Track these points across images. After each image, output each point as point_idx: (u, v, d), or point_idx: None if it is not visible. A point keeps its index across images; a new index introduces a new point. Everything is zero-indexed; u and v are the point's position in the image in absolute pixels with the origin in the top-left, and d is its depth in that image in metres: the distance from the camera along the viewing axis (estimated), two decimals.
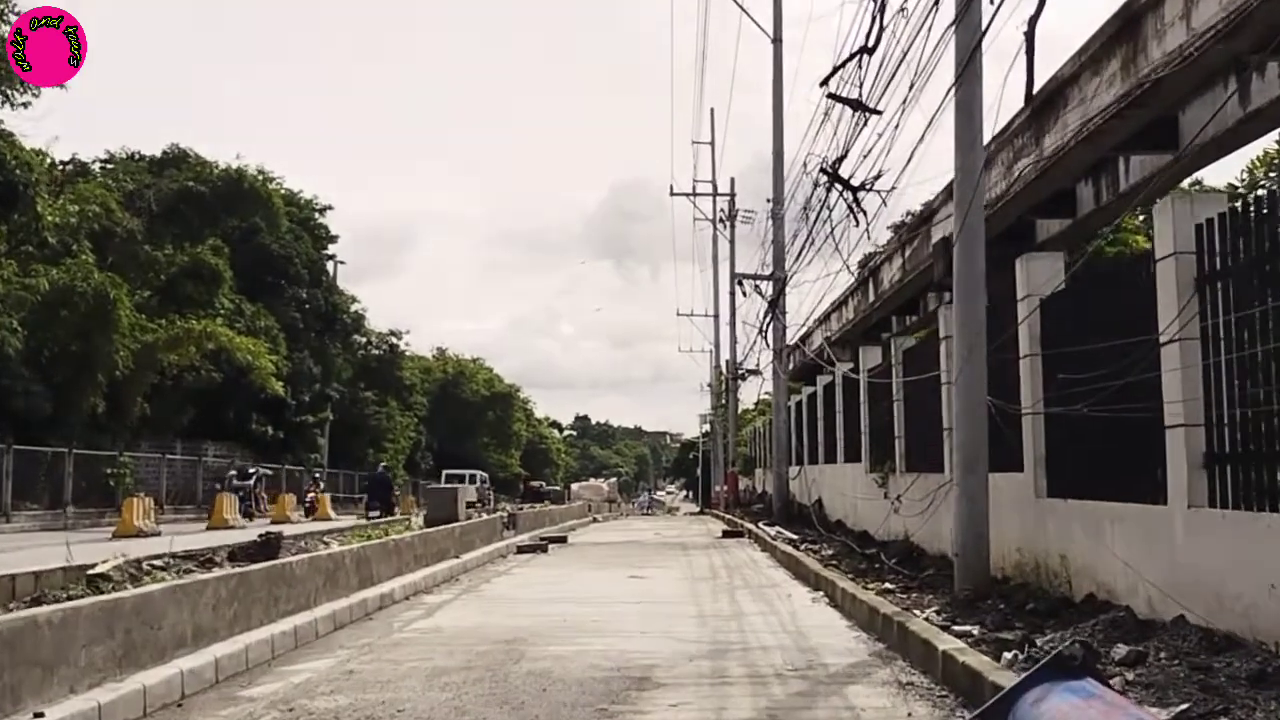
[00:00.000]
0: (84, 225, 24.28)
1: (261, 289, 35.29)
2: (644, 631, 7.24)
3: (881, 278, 20.91)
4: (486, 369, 72.05)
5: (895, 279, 19.07)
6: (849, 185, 12.52)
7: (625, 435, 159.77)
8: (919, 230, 17.43)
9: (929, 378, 11.26)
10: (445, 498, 14.60)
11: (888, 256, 20.24)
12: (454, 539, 12.35)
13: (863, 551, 13.05)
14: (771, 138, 23.17)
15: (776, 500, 22.89)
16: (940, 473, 10.84)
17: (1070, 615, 7.05)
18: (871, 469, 14.81)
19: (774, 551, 13.87)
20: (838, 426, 18.11)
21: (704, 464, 57.11)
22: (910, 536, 12.34)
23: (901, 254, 18.78)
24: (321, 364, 38.80)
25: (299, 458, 42.65)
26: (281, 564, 7.06)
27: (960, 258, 8.34)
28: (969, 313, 8.26)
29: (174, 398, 30.21)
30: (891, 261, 19.84)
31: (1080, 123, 9.83)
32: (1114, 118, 8.91)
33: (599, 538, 19.48)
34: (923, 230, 17.13)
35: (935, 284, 17.41)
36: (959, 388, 8.29)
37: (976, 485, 8.20)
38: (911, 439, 12.68)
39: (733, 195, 40.58)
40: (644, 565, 12.74)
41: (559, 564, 13.14)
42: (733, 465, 37.29)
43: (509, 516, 16.78)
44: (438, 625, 7.70)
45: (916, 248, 17.88)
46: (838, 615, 8.13)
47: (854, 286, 24.52)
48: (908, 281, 18.25)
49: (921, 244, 17.35)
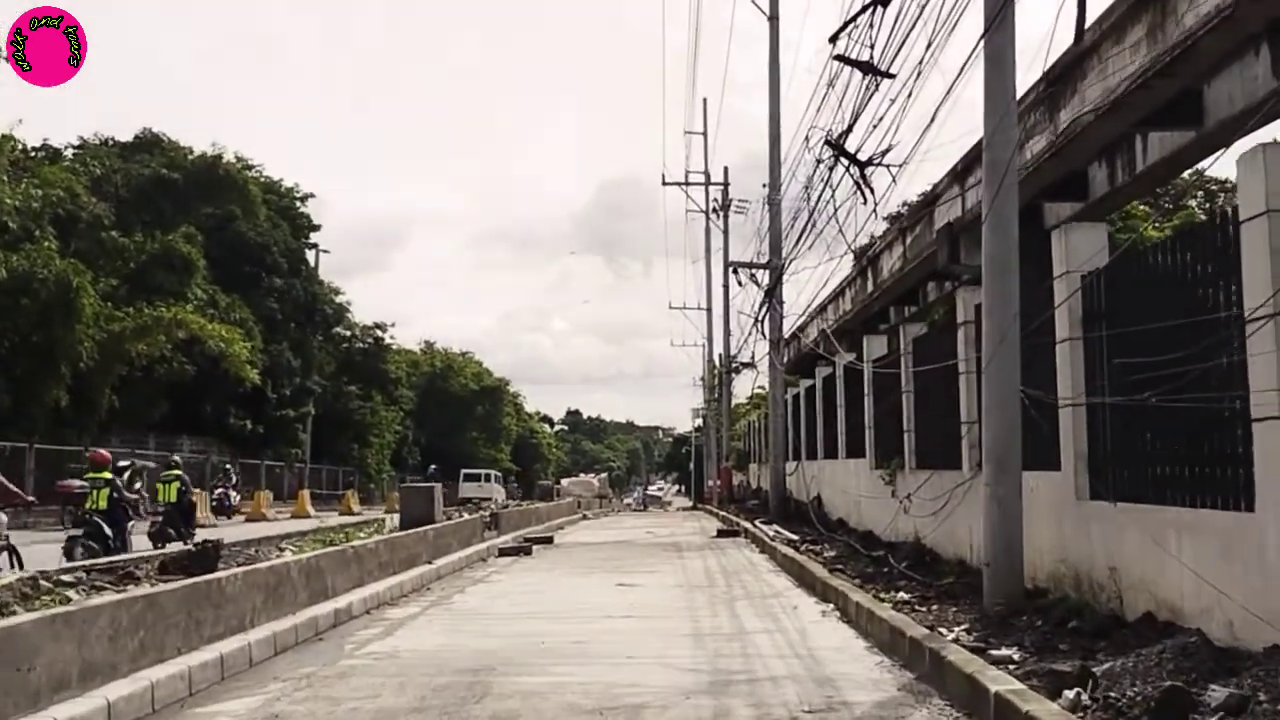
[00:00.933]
0: (47, 210, 23.09)
1: (238, 279, 34.09)
2: (632, 657, 6.26)
3: (881, 267, 20.00)
4: (475, 362, 70.93)
5: (895, 268, 18.17)
6: (855, 160, 11.58)
7: (617, 430, 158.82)
8: (921, 216, 16.54)
9: (944, 367, 10.30)
10: (420, 497, 13.57)
11: (888, 244, 19.35)
12: (426, 543, 11.33)
13: (869, 554, 12.11)
14: (767, 121, 22.19)
15: (773, 497, 21.95)
16: (957, 470, 9.89)
17: (1125, 638, 6.10)
18: (877, 465, 13.86)
19: (774, 554, 12.92)
20: (839, 420, 17.15)
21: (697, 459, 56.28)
22: (921, 538, 11.40)
23: (902, 241, 17.87)
24: (301, 356, 37.62)
25: (280, 453, 41.52)
26: (205, 581, 6.03)
27: (991, 230, 7.36)
28: (1001, 291, 7.28)
29: (145, 390, 29.04)
30: (891, 250, 18.94)
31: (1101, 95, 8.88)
32: (1138, 88, 7.99)
33: (587, 537, 18.49)
34: (925, 216, 16.25)
35: (939, 271, 16.56)
36: (989, 377, 7.33)
37: (1009, 487, 7.24)
38: (923, 434, 11.73)
39: (726, 184, 39.63)
40: (634, 570, 11.76)
41: (542, 568, 12.14)
42: (726, 460, 36.37)
43: (491, 516, 15.77)
44: (395, 648, 6.70)
45: (918, 235, 16.99)
46: (853, 634, 7.16)
47: (851, 277, 23.63)
48: (908, 270, 17.37)
49: (924, 230, 16.48)
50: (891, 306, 20.34)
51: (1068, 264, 7.33)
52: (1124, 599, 6.52)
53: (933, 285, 18.18)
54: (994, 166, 7.37)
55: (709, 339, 45.19)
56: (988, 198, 7.43)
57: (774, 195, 22.54)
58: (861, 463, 14.96)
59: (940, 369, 10.49)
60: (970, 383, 9.60)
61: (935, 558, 10.75)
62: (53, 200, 23.36)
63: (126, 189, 28.94)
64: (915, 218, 16.80)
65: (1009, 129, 7.39)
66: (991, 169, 7.40)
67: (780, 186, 22.35)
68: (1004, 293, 7.27)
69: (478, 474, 46.87)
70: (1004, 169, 7.29)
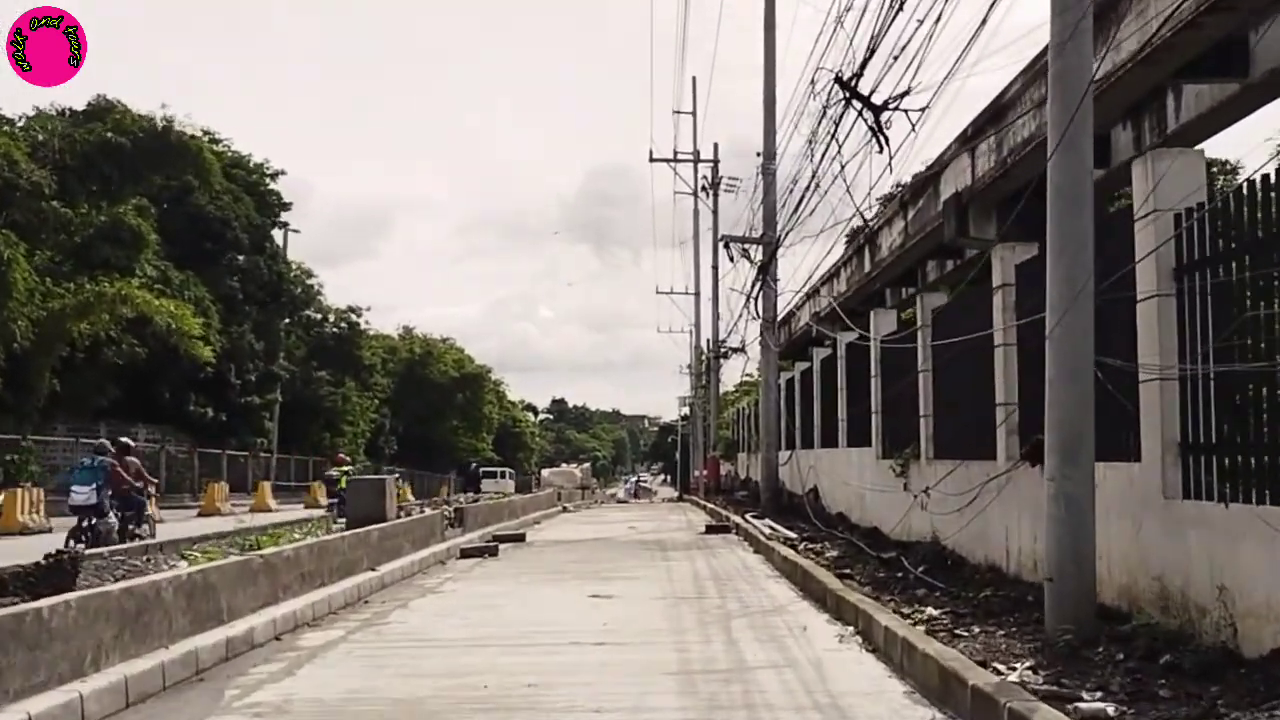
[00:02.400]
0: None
1: (196, 255, 32.10)
2: (600, 710, 4.69)
3: (879, 244, 18.52)
4: (456, 349, 68.97)
5: (896, 244, 16.67)
6: (870, 103, 10.01)
7: (603, 419, 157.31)
8: (925, 188, 15.05)
9: (974, 341, 8.76)
10: (369, 491, 11.91)
11: (887, 220, 17.85)
12: (368, 546, 9.71)
13: (878, 555, 10.62)
14: (763, 82, 20.57)
15: (765, 489, 20.45)
16: (989, 460, 8.38)
17: (1247, 681, 4.62)
18: (886, 455, 12.36)
19: (770, 555, 11.40)
20: (840, 405, 15.64)
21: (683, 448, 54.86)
22: (940, 538, 9.90)
23: (903, 216, 16.38)
24: (265, 339, 35.69)
25: (245, 442, 39.62)
26: (14, 614, 4.39)
27: (1062, 157, 5.80)
28: (1073, 232, 5.73)
29: (91, 374, 27.11)
30: (891, 226, 17.43)
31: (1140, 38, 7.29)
32: (1186, 27, 6.43)
33: (564, 534, 16.91)
34: (929, 188, 14.76)
35: (945, 246, 15.07)
36: (1055, 344, 5.78)
37: (1079, 482, 5.71)
38: (944, 419, 10.22)
39: (715, 161, 37.99)
40: (612, 575, 10.20)
41: (507, 574, 10.55)
42: (714, 449, 34.88)
43: (455, 511, 14.15)
44: (288, 696, 5.10)
45: (921, 208, 15.51)
46: (884, 670, 5.62)
47: (847, 256, 22.18)
48: (910, 247, 15.91)
49: (928, 204, 14.99)
50: (888, 288, 18.89)
51: (1156, 200, 5.78)
52: (1239, 628, 5.02)
53: (933, 264, 16.82)
54: (1065, 78, 5.80)
55: (696, 324, 43.73)
56: (1055, 118, 5.87)
57: (769, 164, 20.97)
58: (866, 452, 13.46)
59: (969, 343, 8.96)
60: (1009, 358, 8.09)
61: (959, 562, 9.26)
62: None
63: (72, 156, 26.88)
64: (918, 190, 15.34)
65: (1084, 33, 5.83)
66: (1061, 82, 5.84)
67: (775, 155, 20.80)
68: (1077, 234, 5.72)
69: (494, 470, 48.91)
70: (1078, 81, 5.72)
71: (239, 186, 37.12)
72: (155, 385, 31.43)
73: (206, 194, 30.43)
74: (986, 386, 8.54)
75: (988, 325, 8.50)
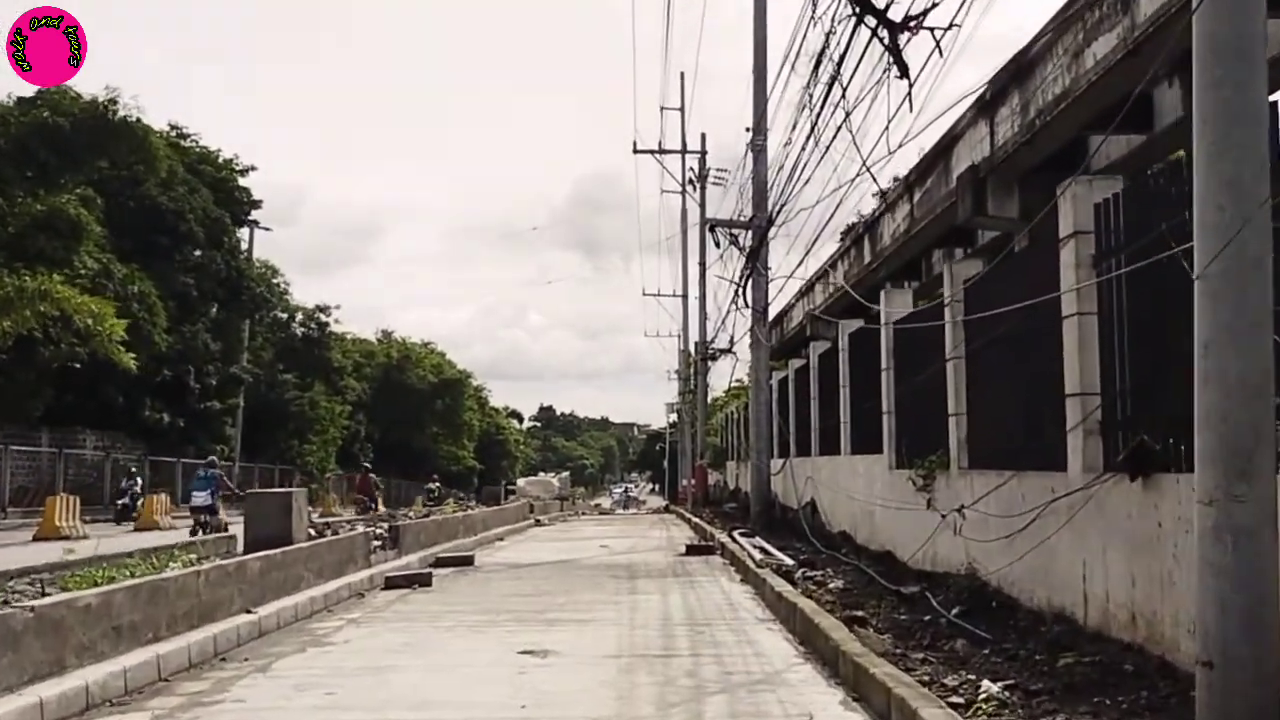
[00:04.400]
0: None
1: (147, 250, 29.76)
2: None
3: (880, 232, 16.49)
4: (436, 354, 66.74)
5: (899, 231, 14.67)
6: (886, 19, 8.06)
7: (592, 426, 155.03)
8: (933, 166, 13.03)
9: (1027, 314, 6.62)
10: (272, 508, 9.65)
11: (889, 206, 15.82)
12: (244, 580, 7.48)
13: (897, 590, 8.49)
14: (752, 43, 18.52)
15: (755, 501, 18.29)
16: (1055, 471, 6.25)
17: None
18: (902, 464, 10.21)
19: (760, 587, 9.23)
20: (842, 404, 13.50)
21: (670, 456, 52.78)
22: (980, 571, 7.77)
23: (909, 199, 14.34)
24: (224, 340, 33.33)
25: (204, 450, 37.17)
26: None
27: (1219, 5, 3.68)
28: (1243, 111, 3.61)
29: (24, 376, 24.75)
30: (894, 211, 15.41)
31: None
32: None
33: (523, 554, 14.67)
34: (939, 166, 12.74)
35: (959, 227, 13.04)
36: (1208, 293, 3.65)
37: (1256, 507, 3.57)
38: (982, 417, 8.08)
39: (703, 152, 36.01)
40: (559, 617, 8.01)
41: (427, 614, 8.33)
42: (701, 457, 32.70)
43: (390, 530, 11.92)
44: None
45: (929, 189, 13.50)
46: None
47: (844, 248, 20.20)
48: (917, 233, 13.92)
49: (936, 183, 12.99)
50: (889, 282, 16.88)
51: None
52: None
53: (939, 254, 14.82)
54: None
55: (684, 325, 41.68)
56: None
57: (758, 140, 18.90)
58: (876, 460, 11.32)
59: (1020, 319, 6.83)
60: (1086, 332, 5.96)
61: (1008, 604, 7.12)
62: None
63: (5, 140, 24.57)
64: (926, 168, 13.33)
65: None
66: None
67: (766, 130, 18.74)
68: (1249, 110, 3.59)
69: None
70: None
71: (205, 183, 34.81)
72: (105, 389, 29.05)
73: (154, 181, 28.08)
74: (1048, 371, 6.41)
75: (1048, 288, 6.36)
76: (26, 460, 28.58)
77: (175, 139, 37.45)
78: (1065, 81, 8.69)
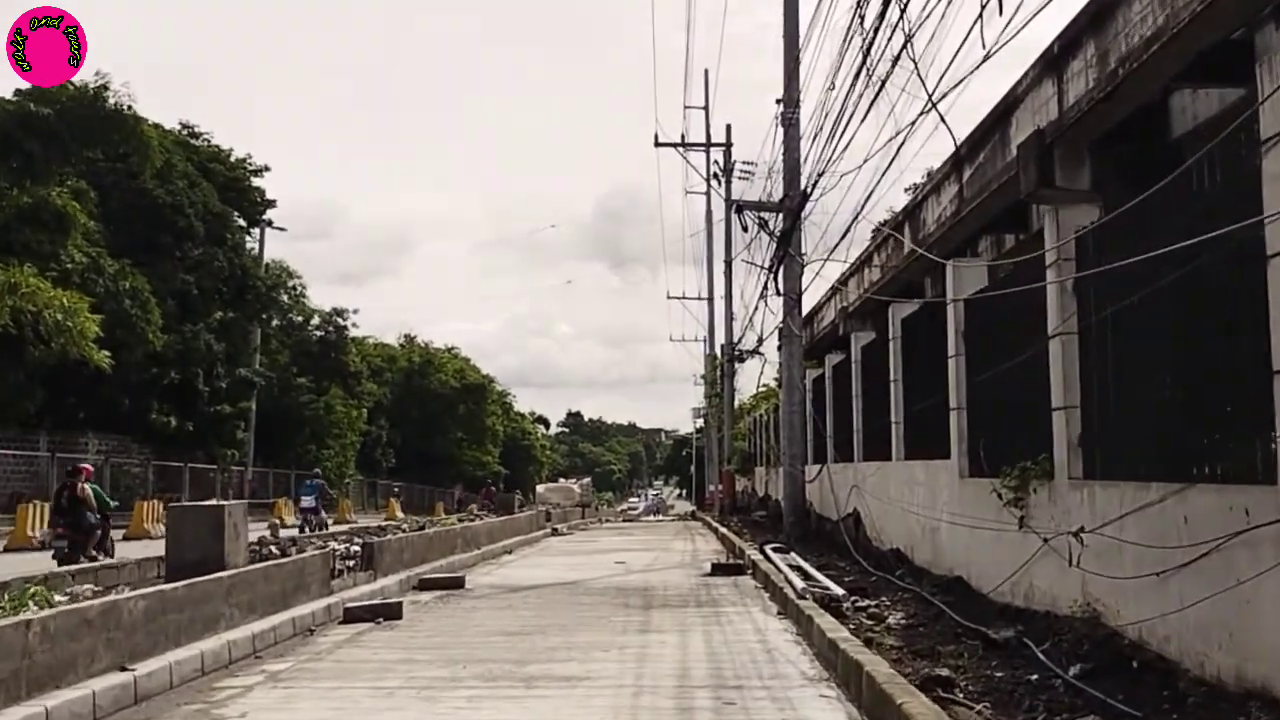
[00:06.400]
0: None
1: (145, 246, 28.47)
2: None
3: (923, 218, 14.44)
4: (460, 359, 65.43)
5: (946, 215, 12.60)
6: None
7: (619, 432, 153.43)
8: (989, 138, 10.99)
9: (1215, 242, 4.65)
10: (200, 526, 7.86)
11: (935, 186, 13.73)
12: (116, 627, 5.68)
13: (981, 632, 6.57)
14: (783, 16, 16.71)
15: (788, 511, 16.32)
16: (1243, 485, 4.27)
17: None
18: (978, 471, 8.20)
19: (806, 627, 7.29)
20: (893, 402, 11.51)
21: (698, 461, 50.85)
22: (1107, 618, 5.81)
23: (958, 178, 12.28)
24: (229, 341, 31.95)
25: (213, 454, 35.85)
26: None
27: None
28: None
29: (13, 377, 23.46)
30: (940, 193, 13.30)
31: None
32: None
33: (525, 573, 12.82)
34: (995, 137, 10.72)
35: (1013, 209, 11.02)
36: None
37: None
38: (1108, 410, 6.07)
39: (728, 145, 34.19)
40: (543, 673, 6.14)
41: (373, 667, 6.48)
42: (728, 463, 30.73)
43: (363, 548, 10.12)
44: None
45: (982, 164, 11.43)
46: None
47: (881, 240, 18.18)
48: (966, 215, 11.86)
49: (991, 156, 10.92)
50: (928, 277, 14.90)
51: None
52: None
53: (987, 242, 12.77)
54: None
55: (710, 327, 39.74)
56: None
57: (790, 113, 17.00)
58: (940, 467, 9.33)
59: (1172, 275, 4.85)
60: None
61: (1161, 668, 5.14)
62: None
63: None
64: (979, 141, 11.30)
65: None
66: None
67: (798, 99, 16.84)
68: None
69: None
70: None
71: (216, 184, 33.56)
72: (112, 391, 27.75)
73: (150, 174, 26.74)
74: (1224, 345, 4.43)
75: (1224, 223, 4.39)
76: (24, 464, 27.44)
77: (186, 137, 36.35)
78: (1159, 19, 6.75)
